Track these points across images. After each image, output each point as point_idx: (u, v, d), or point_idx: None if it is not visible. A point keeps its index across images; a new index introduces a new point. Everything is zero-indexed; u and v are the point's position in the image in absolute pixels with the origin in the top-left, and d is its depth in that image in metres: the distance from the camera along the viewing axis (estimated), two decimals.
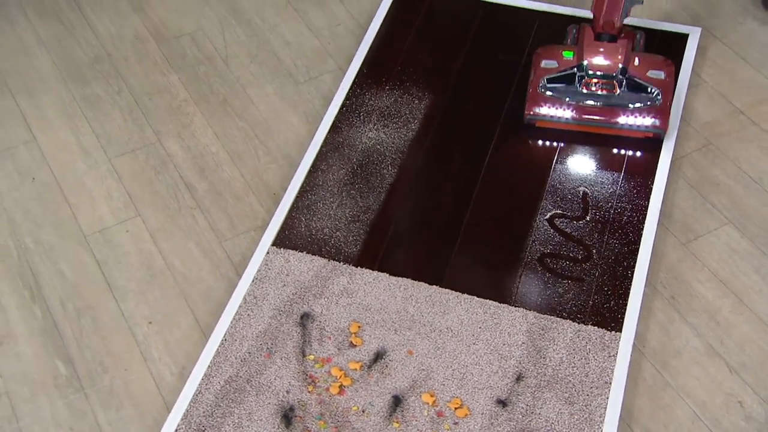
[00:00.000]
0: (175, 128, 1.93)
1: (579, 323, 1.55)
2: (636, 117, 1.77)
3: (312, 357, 1.54)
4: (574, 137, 1.82)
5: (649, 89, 1.77)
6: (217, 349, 1.55)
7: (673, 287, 1.64)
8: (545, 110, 1.79)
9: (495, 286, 1.60)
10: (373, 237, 1.69)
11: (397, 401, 1.48)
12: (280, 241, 1.69)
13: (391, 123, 1.87)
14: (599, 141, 1.82)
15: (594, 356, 1.50)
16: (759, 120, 1.89)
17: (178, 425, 1.47)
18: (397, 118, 1.88)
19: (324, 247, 1.68)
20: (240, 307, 1.60)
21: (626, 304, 1.57)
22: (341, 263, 1.65)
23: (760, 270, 1.66)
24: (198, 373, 1.53)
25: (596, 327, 1.54)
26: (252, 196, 1.81)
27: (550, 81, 1.79)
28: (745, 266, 1.66)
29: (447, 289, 1.60)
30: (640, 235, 1.67)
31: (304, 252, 1.67)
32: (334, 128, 1.86)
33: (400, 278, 1.62)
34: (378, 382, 1.50)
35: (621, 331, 1.53)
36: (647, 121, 1.77)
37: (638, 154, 1.79)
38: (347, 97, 1.91)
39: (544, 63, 1.81)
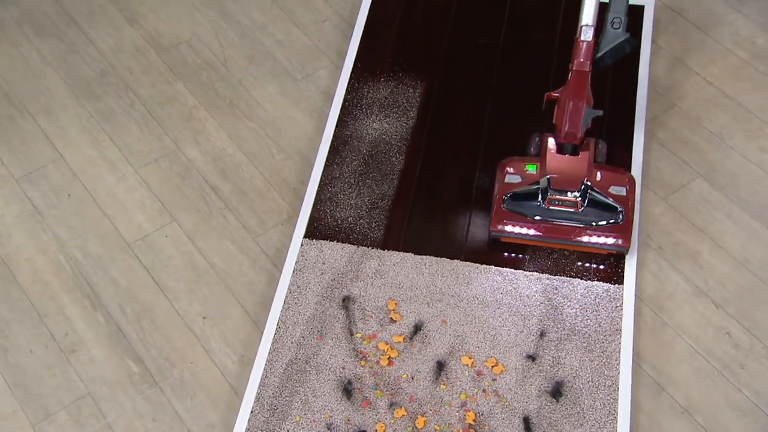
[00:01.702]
0: (191, 135, 2.09)
1: (586, 280, 1.79)
2: (599, 236, 1.78)
3: (359, 335, 1.74)
4: None
5: (611, 207, 1.79)
6: (274, 337, 1.75)
7: (659, 239, 1.88)
8: (509, 228, 1.80)
9: (509, 255, 1.83)
10: (393, 221, 1.89)
11: (440, 366, 1.70)
12: (310, 233, 1.88)
13: (391, 113, 2.06)
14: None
15: (603, 308, 1.75)
16: (713, 80, 2.13)
17: (253, 407, 1.67)
18: (396, 108, 2.07)
19: (351, 234, 1.88)
20: (286, 296, 1.80)
21: (624, 259, 1.81)
22: (369, 248, 1.86)
23: (731, 215, 1.91)
24: (261, 360, 1.72)
25: (601, 282, 1.78)
26: (274, 192, 1.99)
27: (513, 197, 1.82)
28: (717, 213, 1.92)
29: (467, 262, 1.82)
30: None
31: (335, 241, 1.87)
32: (341, 123, 2.04)
33: (424, 256, 1.84)
34: (421, 351, 1.72)
35: (623, 284, 1.78)
36: (610, 240, 1.78)
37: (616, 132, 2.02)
38: (347, 92, 2.09)
39: (507, 178, 1.83)
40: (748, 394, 1.68)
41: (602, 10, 1.92)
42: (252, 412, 1.66)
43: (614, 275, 1.79)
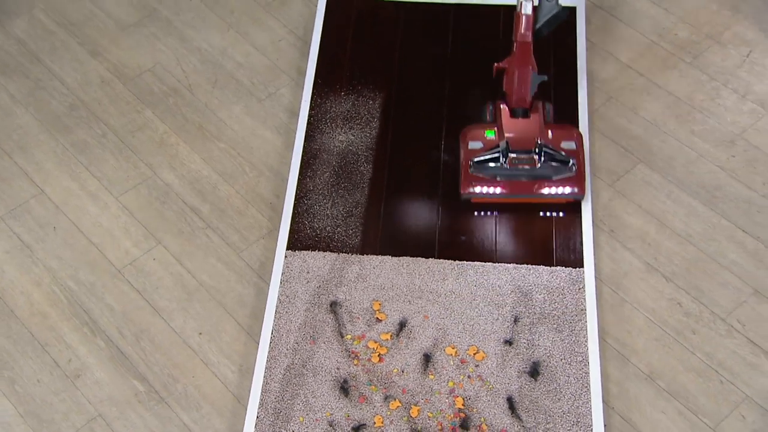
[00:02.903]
0: (165, 159, 2.20)
1: (550, 266, 1.96)
2: (557, 187, 2.00)
3: (349, 336, 1.89)
4: None
5: (564, 160, 2.00)
6: (270, 345, 1.88)
7: (610, 222, 2.07)
8: (478, 189, 2.01)
9: (478, 249, 1.99)
10: (368, 227, 2.04)
11: (427, 358, 1.86)
12: (292, 245, 2.02)
13: (355, 125, 2.20)
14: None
15: (568, 291, 1.92)
16: (643, 71, 2.32)
17: (258, 412, 1.80)
18: (358, 120, 2.21)
19: (331, 242, 2.02)
20: (277, 307, 1.93)
21: (582, 245, 1.99)
22: (349, 254, 2.00)
23: (671, 195, 2.10)
24: (260, 368, 1.85)
25: (563, 267, 1.96)
26: (252, 208, 2.12)
27: (478, 162, 2.02)
28: (659, 194, 2.11)
29: (441, 260, 1.98)
30: None
31: (316, 250, 2.01)
32: (308, 138, 2.18)
33: (401, 257, 1.99)
34: (408, 345, 1.87)
35: (583, 267, 1.96)
36: (567, 189, 2.00)
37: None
38: (311, 108, 2.23)
39: (470, 144, 2.04)
40: (701, 356, 1.87)
41: None
42: (258, 417, 1.80)
43: (574, 259, 1.97)
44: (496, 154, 2.02)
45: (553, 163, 2.01)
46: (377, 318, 1.91)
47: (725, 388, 1.83)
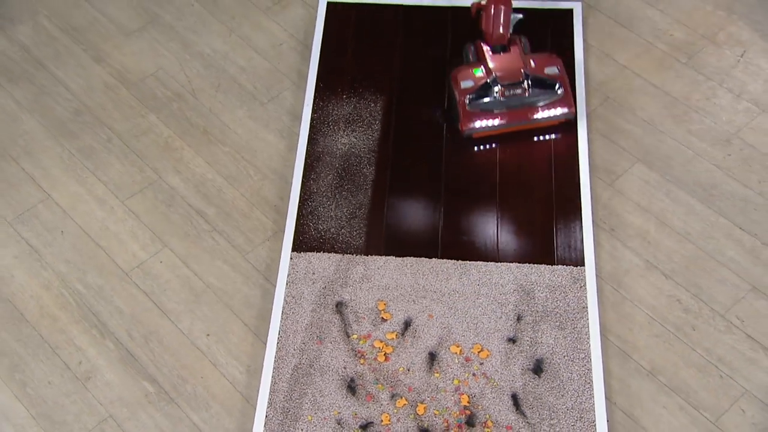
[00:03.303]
0: (170, 163, 2.23)
1: (551, 265, 2.00)
2: (549, 110, 2.16)
3: (355, 336, 1.92)
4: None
5: (551, 84, 2.16)
6: (277, 345, 1.91)
7: (610, 221, 2.10)
8: (478, 123, 2.15)
9: (481, 249, 2.03)
10: (372, 228, 2.07)
11: (432, 356, 1.89)
12: (297, 247, 2.05)
13: (357, 127, 2.23)
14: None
15: (569, 289, 1.96)
16: (640, 71, 2.35)
17: (267, 411, 1.83)
18: (360, 122, 2.24)
19: (335, 244, 2.05)
20: (283, 307, 1.96)
21: (583, 243, 2.03)
22: (354, 255, 2.03)
23: (669, 194, 2.14)
24: (268, 368, 1.88)
25: (565, 266, 2.00)
26: (256, 211, 2.15)
27: (472, 99, 2.16)
28: (657, 193, 2.15)
29: (444, 259, 2.01)
30: (579, 185, 2.12)
31: (321, 251, 2.04)
32: (311, 141, 2.21)
33: (404, 258, 2.02)
34: (413, 344, 1.91)
35: (584, 265, 1.99)
36: (558, 111, 2.16)
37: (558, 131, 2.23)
38: (314, 111, 2.26)
39: (462, 84, 2.17)
40: (701, 352, 1.91)
41: None
42: (267, 416, 1.83)
43: (576, 258, 2.00)
44: (488, 88, 2.15)
45: (542, 89, 2.16)
46: (382, 318, 1.94)
47: (725, 383, 1.86)
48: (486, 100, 2.15)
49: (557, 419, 1.79)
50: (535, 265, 2.00)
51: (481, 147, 2.18)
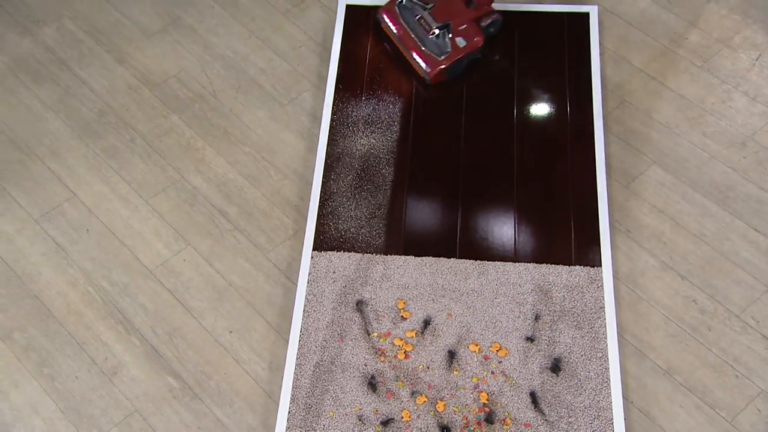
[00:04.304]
0: (192, 163, 2.26)
1: (569, 265, 2.03)
2: (421, 58, 2.29)
3: (375, 334, 1.96)
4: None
5: (443, 46, 2.29)
6: (299, 342, 1.95)
7: (626, 223, 2.13)
8: (384, 17, 2.37)
9: (499, 249, 2.06)
10: (391, 228, 2.11)
11: (451, 355, 1.92)
12: (318, 246, 2.08)
13: (376, 129, 2.27)
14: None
15: (587, 289, 1.99)
16: (656, 75, 2.38)
17: (290, 407, 1.87)
18: (379, 124, 2.27)
19: (355, 243, 2.08)
20: (305, 305, 1.99)
21: (600, 244, 2.06)
22: (373, 254, 2.06)
23: (685, 196, 2.17)
24: (290, 365, 1.92)
25: (582, 266, 2.03)
26: (277, 211, 2.19)
27: (405, 5, 2.36)
28: (673, 195, 2.17)
29: (462, 259, 2.05)
30: (596, 187, 2.15)
31: (341, 251, 2.07)
32: (331, 142, 2.24)
33: (423, 257, 2.05)
34: (432, 343, 1.94)
35: (601, 266, 2.02)
36: (423, 64, 2.29)
37: (577, 133, 2.26)
38: (333, 112, 2.29)
39: None
40: (717, 352, 1.94)
41: None
42: (290, 412, 1.86)
43: (592, 259, 2.03)
44: (419, 8, 2.34)
45: (440, 42, 2.29)
46: (402, 316, 1.97)
47: (741, 383, 1.89)
48: (406, 13, 2.34)
49: (575, 417, 1.83)
50: (553, 265, 2.03)
51: (499, 148, 2.21)
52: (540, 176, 2.18)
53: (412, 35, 2.32)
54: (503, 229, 2.09)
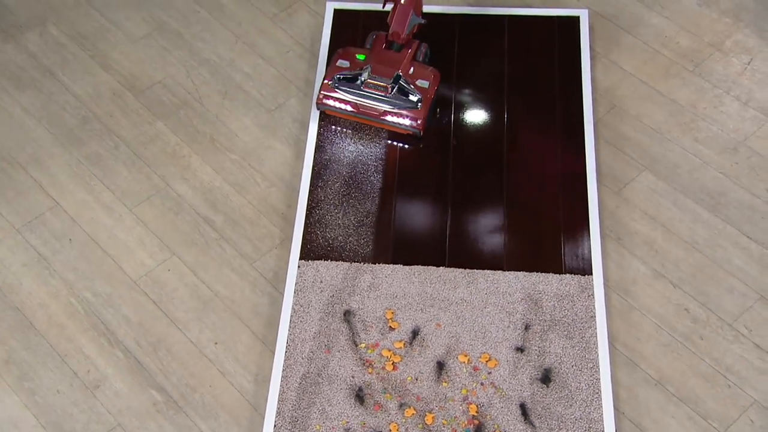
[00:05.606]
0: (177, 171, 2.23)
1: (559, 274, 2.00)
2: (399, 118, 2.17)
3: (363, 345, 1.92)
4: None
5: (411, 96, 2.17)
6: (285, 354, 1.91)
7: (617, 230, 2.10)
8: (331, 102, 2.20)
9: (488, 258, 2.03)
10: (380, 236, 2.07)
11: (440, 366, 1.89)
12: (305, 255, 2.05)
13: (363, 135, 2.23)
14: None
15: (577, 298, 1.96)
16: (646, 79, 2.36)
17: (275, 420, 1.83)
18: (367, 130, 2.24)
19: (343, 252, 2.05)
20: (291, 316, 1.96)
21: (590, 252, 2.03)
22: (361, 263, 2.03)
23: (677, 202, 2.14)
24: (276, 377, 1.89)
25: (572, 275, 2.00)
26: (264, 219, 2.15)
27: (340, 79, 2.20)
28: (664, 201, 2.15)
29: (452, 268, 2.02)
30: (586, 194, 2.12)
31: (329, 260, 2.04)
32: (318, 149, 2.21)
33: (412, 266, 2.02)
34: (421, 353, 1.91)
35: (592, 274, 1.99)
36: (406, 122, 2.17)
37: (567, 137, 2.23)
38: (320, 119, 2.26)
39: (339, 62, 2.23)
40: (710, 361, 1.91)
41: None
42: (275, 425, 1.83)
43: (583, 267, 2.01)
44: (357, 74, 2.20)
45: (403, 96, 2.17)
46: (390, 326, 1.94)
47: (733, 393, 1.87)
48: (349, 85, 2.19)
49: (566, 429, 1.80)
50: (543, 273, 2.00)
51: (488, 155, 2.18)
52: (530, 183, 2.15)
53: (371, 103, 2.18)
54: (493, 237, 2.06)
